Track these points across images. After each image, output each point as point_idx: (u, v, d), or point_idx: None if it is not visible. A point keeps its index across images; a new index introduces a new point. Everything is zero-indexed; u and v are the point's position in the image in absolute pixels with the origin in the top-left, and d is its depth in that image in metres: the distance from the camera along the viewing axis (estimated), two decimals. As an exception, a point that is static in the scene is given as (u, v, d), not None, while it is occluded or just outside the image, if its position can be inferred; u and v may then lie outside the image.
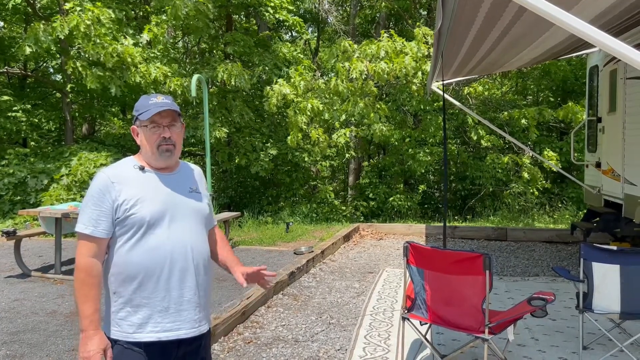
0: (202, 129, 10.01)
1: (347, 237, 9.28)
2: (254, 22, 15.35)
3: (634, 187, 6.61)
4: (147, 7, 12.99)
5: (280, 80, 10.64)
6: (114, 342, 2.02)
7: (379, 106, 10.26)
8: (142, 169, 2.11)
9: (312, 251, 7.65)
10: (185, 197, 2.14)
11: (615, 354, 3.93)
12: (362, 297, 5.86)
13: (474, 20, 3.91)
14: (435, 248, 3.78)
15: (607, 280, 3.83)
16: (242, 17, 15.42)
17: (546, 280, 6.53)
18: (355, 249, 8.72)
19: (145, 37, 10.84)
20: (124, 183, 2.03)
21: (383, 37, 9.88)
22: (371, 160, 15.13)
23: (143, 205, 2.01)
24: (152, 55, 11.36)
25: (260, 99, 12.47)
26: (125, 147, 13.93)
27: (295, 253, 7.78)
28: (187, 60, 15.04)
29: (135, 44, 10.94)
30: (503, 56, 6.06)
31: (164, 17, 11.03)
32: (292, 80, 10.44)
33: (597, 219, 7.89)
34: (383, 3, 12.36)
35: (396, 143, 12.09)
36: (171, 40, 13.94)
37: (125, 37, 10.78)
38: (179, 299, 2.06)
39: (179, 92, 10.91)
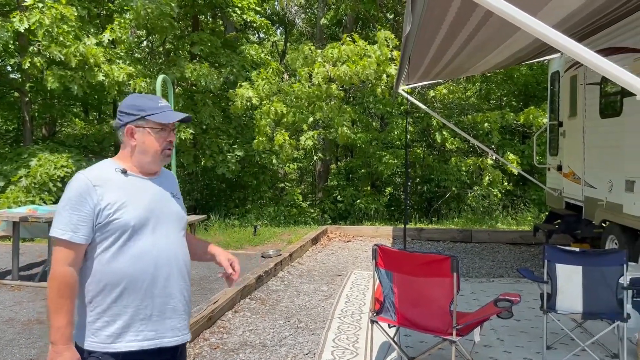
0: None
1: (315, 240, 9.25)
2: (221, 22, 15.19)
3: (594, 190, 6.81)
4: (110, 4, 12.69)
5: (244, 83, 10.54)
6: (89, 354, 1.91)
7: (344, 109, 10.29)
8: (124, 172, 2.00)
9: (280, 254, 7.60)
10: (168, 202, 2.07)
11: (578, 353, 4.03)
12: (330, 300, 5.84)
13: (441, 25, 3.95)
14: (404, 251, 3.79)
15: (569, 281, 3.92)
16: (208, 17, 15.23)
17: (510, 281, 6.66)
18: (324, 252, 8.70)
19: (107, 36, 10.57)
20: (106, 186, 1.92)
21: (345, 40, 9.92)
22: (339, 162, 15.17)
23: (127, 210, 1.92)
24: (116, 55, 11.09)
25: (227, 101, 12.34)
26: (87, 148, 13.56)
27: (263, 256, 7.70)
28: (152, 61, 14.76)
29: (98, 44, 10.66)
30: (469, 60, 6.15)
31: (127, 17, 10.79)
32: (255, 84, 10.36)
33: (559, 220, 8.10)
34: (346, 5, 12.40)
35: (363, 146, 12.16)
36: (135, 40, 13.64)
37: (88, 36, 10.49)
38: (163, 307, 1.98)
39: (144, 93, 10.69)
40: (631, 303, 4.66)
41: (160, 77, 8.32)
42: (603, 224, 6.68)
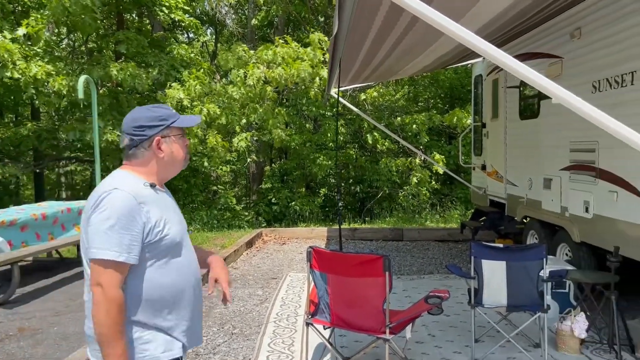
0: (92, 133, 9.37)
1: (249, 243, 9.14)
2: (148, 22, 14.69)
3: (515, 188, 7.18)
4: (25, 0, 11.94)
5: (174, 84, 10.24)
6: None
7: (278, 111, 10.25)
8: (153, 186, 1.94)
9: (213, 259, 7.43)
10: (180, 213, 2.08)
11: (503, 345, 4.21)
12: (265, 304, 5.78)
13: (370, 28, 4.01)
14: (338, 252, 3.82)
15: (494, 276, 4.09)
16: (134, 16, 14.68)
17: (440, 278, 6.88)
18: (259, 255, 8.62)
19: (21, 31, 9.92)
20: (147, 203, 1.85)
21: (279, 42, 9.89)
22: (273, 164, 15.10)
23: (170, 226, 1.90)
24: (33, 52, 10.44)
25: (156, 102, 11.95)
26: (2, 152, 12.68)
27: (195, 262, 7.50)
28: (74, 59, 14.03)
29: (13, 40, 9.99)
30: (397, 64, 6.31)
31: (44, 12, 10.18)
32: (186, 84, 10.10)
33: (484, 217, 8.48)
34: (277, 6, 12.37)
35: (297, 147, 12.17)
36: (54, 38, 12.91)
37: (1, 32, 9.80)
38: (194, 313, 2.02)
39: (64, 93, 10.13)
40: (551, 294, 4.96)
41: (83, 77, 7.93)
42: (524, 220, 7.05)
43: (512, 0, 4.05)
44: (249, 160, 12.02)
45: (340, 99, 9.10)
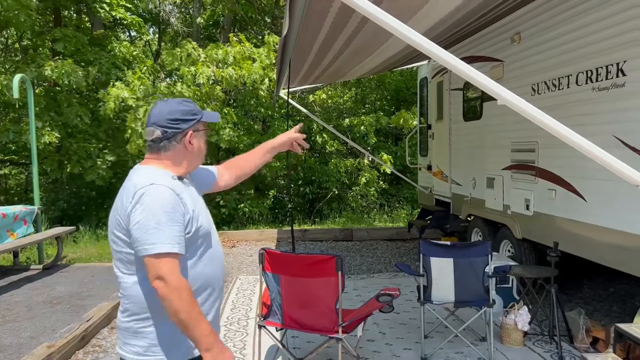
0: (28, 134, 8.92)
1: (197, 247, 8.96)
2: (87, 19, 14.14)
3: (460, 187, 7.40)
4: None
5: (117, 83, 9.89)
6: None
7: (226, 111, 10.10)
8: (180, 179, 1.97)
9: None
10: (204, 203, 2.09)
11: (452, 340, 4.32)
12: (215, 308, 5.68)
13: (320, 29, 4.03)
14: (290, 253, 3.80)
15: (442, 273, 4.19)
16: (72, 12, 14.09)
17: (389, 276, 6.99)
18: (206, 258, 8.46)
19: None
20: (183, 196, 1.89)
21: (232, 41, 9.74)
22: (221, 166, 14.86)
23: (202, 217, 1.96)
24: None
25: (96, 102, 11.50)
26: None
27: (141, 267, 7.27)
28: (8, 58, 13.31)
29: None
30: (346, 65, 6.36)
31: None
32: (130, 83, 9.78)
33: (430, 216, 8.69)
34: (223, 6, 12.19)
35: (245, 149, 12.03)
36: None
37: None
38: (219, 302, 2.09)
39: (-2, 92, 9.59)
40: (495, 290, 5.13)
41: (18, 77, 7.55)
42: (469, 218, 7.28)
43: (458, 3, 4.17)
44: (196, 162, 11.75)
45: (290, 100, 9.09)
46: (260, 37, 11.70)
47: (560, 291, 5.42)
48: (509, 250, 6.12)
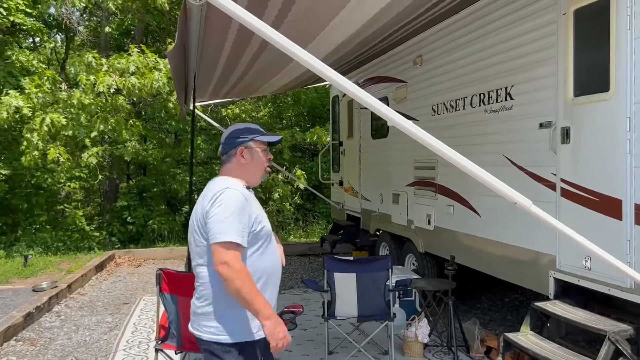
0: None
1: (100, 267, 8.49)
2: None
3: (369, 202, 7.58)
4: None
5: (12, 91, 9.22)
6: (235, 345, 2.24)
7: (132, 123, 9.69)
8: (248, 188, 2.36)
9: (56, 286, 6.76)
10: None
11: (356, 355, 4.37)
12: (115, 332, 5.38)
13: (224, 44, 3.98)
14: (190, 273, 3.68)
15: (346, 288, 4.25)
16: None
17: (300, 292, 6.98)
18: (110, 279, 8.02)
19: None
20: (250, 201, 2.30)
21: (134, 51, 9.40)
22: (130, 181, 14.23)
23: (264, 219, 2.34)
24: None
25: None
26: None
27: (34, 290, 6.75)
28: None
29: None
30: (256, 81, 6.35)
31: None
32: (27, 91, 9.14)
33: (342, 231, 8.82)
34: (134, 15, 11.77)
35: (155, 163, 11.63)
36: None
37: None
38: (276, 295, 2.42)
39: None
40: (399, 303, 5.28)
41: None
42: (377, 233, 7.46)
43: (358, 27, 4.30)
44: (100, 176, 11.16)
45: (200, 114, 8.92)
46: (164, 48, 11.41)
47: (460, 302, 5.69)
48: (413, 264, 6.33)
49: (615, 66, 3.27)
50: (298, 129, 13.79)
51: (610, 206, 3.31)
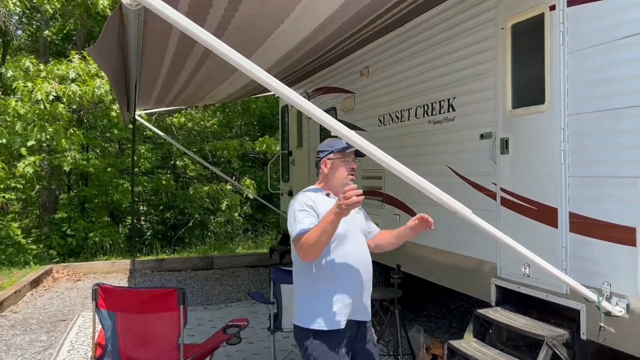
0: None
1: (35, 282, 8.05)
2: None
3: (317, 212, 7.55)
4: None
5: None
6: (314, 333, 2.55)
7: (72, 132, 9.30)
8: (328, 195, 2.69)
9: (-14, 303, 6.36)
10: (354, 217, 2.63)
11: (302, 367, 4.30)
12: (50, 351, 5.10)
13: (166, 50, 3.87)
14: (128, 288, 3.54)
15: (293, 299, 4.18)
16: None
17: (248, 305, 6.85)
18: (46, 295, 7.62)
19: None
20: (318, 204, 2.59)
21: (74, 57, 9.05)
22: (71, 192, 13.65)
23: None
24: None
25: None
26: None
27: (-39, 308, 6.33)
28: None
29: None
30: (201, 89, 6.22)
31: None
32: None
33: (291, 241, 8.75)
34: (75, 20, 11.33)
35: (96, 173, 11.21)
36: None
37: None
38: (356, 295, 2.64)
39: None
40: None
41: None
42: (326, 243, 7.42)
43: (303, 37, 4.29)
44: (37, 187, 10.63)
45: (144, 122, 8.68)
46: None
47: (408, 311, 5.74)
48: (361, 274, 6.33)
49: (550, 79, 3.39)
50: (247, 138, 13.66)
51: (546, 214, 3.41)
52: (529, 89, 3.62)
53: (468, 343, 3.79)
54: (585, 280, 3.01)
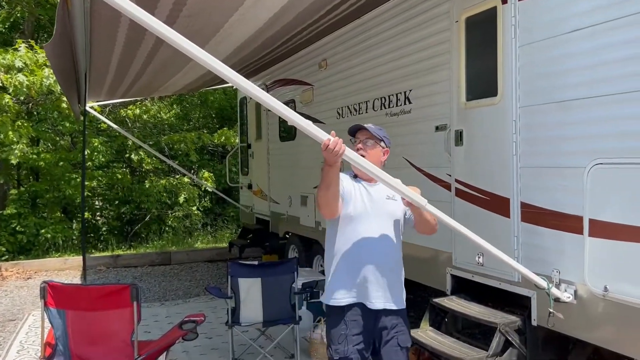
0: None
1: (-18, 281, 7.71)
2: None
3: (277, 205, 7.52)
4: None
5: None
6: (327, 307, 2.76)
7: (20, 124, 8.92)
8: (354, 177, 2.81)
9: None
10: (382, 202, 2.74)
11: (261, 360, 4.29)
12: (-3, 352, 4.89)
13: (115, 38, 3.74)
14: (78, 285, 3.43)
15: (251, 293, 4.16)
16: None
17: (206, 300, 6.75)
18: (-6, 294, 7.31)
19: None
20: (344, 180, 2.71)
21: (21, 46, 8.66)
22: (22, 187, 13.10)
23: (353, 201, 2.70)
24: None
25: None
26: None
27: None
28: None
29: None
30: (155, 79, 6.07)
31: None
32: None
33: (251, 235, 8.68)
34: (22, 8, 10.84)
35: (47, 167, 10.79)
36: None
37: None
38: (364, 278, 2.69)
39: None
40: (306, 305, 5.25)
41: None
42: (287, 235, 7.41)
43: (259, 26, 4.23)
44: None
45: (97, 114, 8.42)
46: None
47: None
48: (321, 265, 6.34)
49: (502, 72, 3.46)
50: (206, 131, 13.42)
51: (499, 204, 3.49)
52: (482, 81, 3.68)
53: (424, 332, 3.85)
54: (536, 268, 3.10)
